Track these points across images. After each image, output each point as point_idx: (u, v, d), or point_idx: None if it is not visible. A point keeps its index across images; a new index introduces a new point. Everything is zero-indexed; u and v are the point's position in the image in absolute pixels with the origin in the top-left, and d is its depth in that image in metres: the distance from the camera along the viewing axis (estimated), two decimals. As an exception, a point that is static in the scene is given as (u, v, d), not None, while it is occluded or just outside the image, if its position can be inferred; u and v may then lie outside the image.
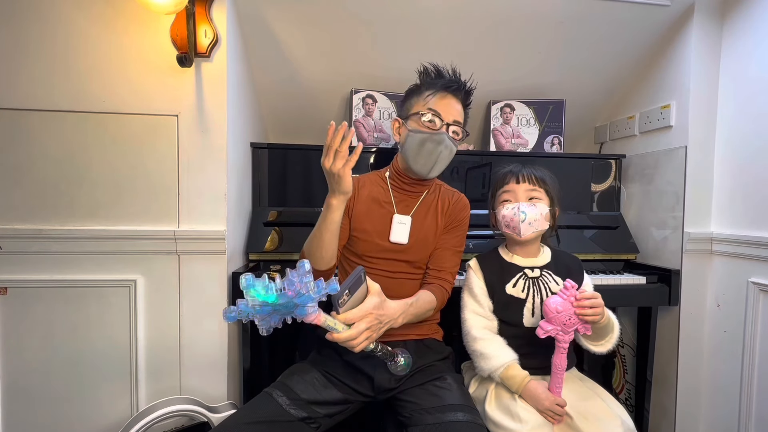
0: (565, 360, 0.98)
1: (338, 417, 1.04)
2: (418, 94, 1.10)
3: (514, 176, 1.13)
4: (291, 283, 0.73)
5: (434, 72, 1.12)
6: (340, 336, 0.84)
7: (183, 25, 1.21)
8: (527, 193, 1.10)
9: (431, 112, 1.06)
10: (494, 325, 1.10)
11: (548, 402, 0.98)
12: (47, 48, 1.21)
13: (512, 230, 1.10)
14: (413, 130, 1.08)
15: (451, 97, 1.09)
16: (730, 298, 1.45)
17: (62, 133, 1.23)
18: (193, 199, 1.28)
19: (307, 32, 1.50)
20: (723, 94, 1.48)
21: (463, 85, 1.12)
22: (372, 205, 1.11)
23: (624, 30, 1.55)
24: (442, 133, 1.06)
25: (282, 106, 1.75)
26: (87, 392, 1.27)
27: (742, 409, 1.40)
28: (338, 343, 0.85)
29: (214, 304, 1.30)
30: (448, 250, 1.15)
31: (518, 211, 1.07)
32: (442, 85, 1.08)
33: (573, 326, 0.95)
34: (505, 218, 1.10)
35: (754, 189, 1.38)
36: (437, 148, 1.07)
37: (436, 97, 1.07)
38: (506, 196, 1.12)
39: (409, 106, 1.12)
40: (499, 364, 1.03)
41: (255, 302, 0.72)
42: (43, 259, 1.24)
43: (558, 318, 0.94)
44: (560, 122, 1.78)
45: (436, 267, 1.14)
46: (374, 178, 1.17)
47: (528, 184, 1.11)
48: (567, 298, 0.95)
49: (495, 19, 1.50)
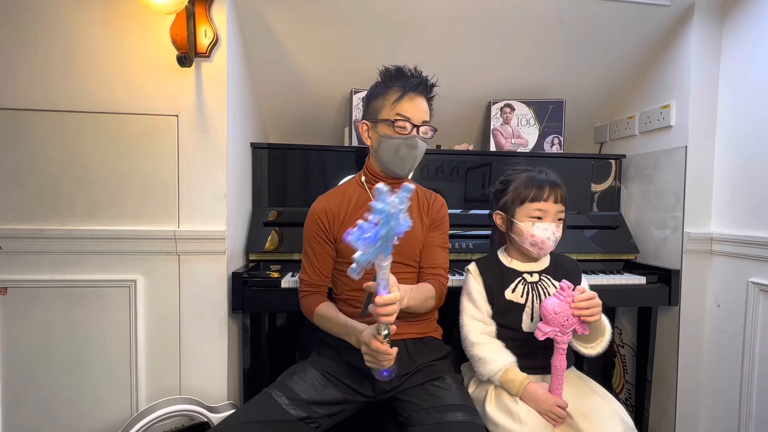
0: (565, 361, 0.98)
1: (338, 417, 1.04)
2: (384, 96, 1.08)
3: (552, 194, 1.07)
4: (381, 211, 0.75)
5: (395, 73, 1.10)
6: (387, 298, 0.82)
7: (183, 25, 1.21)
8: (558, 214, 1.09)
9: (401, 118, 1.06)
10: (492, 329, 1.10)
11: (549, 404, 0.98)
12: (47, 48, 1.21)
13: (538, 249, 1.08)
14: (386, 136, 1.07)
15: (418, 98, 1.08)
16: (730, 298, 1.45)
17: (62, 133, 1.23)
18: (193, 199, 1.28)
19: (307, 32, 1.50)
20: (723, 94, 1.48)
21: (427, 82, 1.10)
22: (356, 211, 1.11)
23: (624, 30, 1.55)
24: (414, 137, 1.07)
25: (282, 106, 1.75)
26: (87, 392, 1.28)
27: (742, 409, 1.40)
28: (377, 307, 0.83)
29: (214, 304, 1.30)
30: (437, 247, 1.16)
31: (552, 236, 1.07)
32: (409, 87, 1.07)
33: (571, 327, 0.95)
34: (533, 237, 1.07)
35: (754, 189, 1.38)
36: (412, 152, 1.08)
37: (403, 101, 1.06)
38: (538, 213, 1.08)
39: (375, 109, 1.10)
40: (497, 368, 1.03)
41: (367, 248, 0.75)
42: (43, 259, 1.24)
43: (555, 319, 0.94)
44: (560, 122, 1.78)
45: (430, 264, 1.15)
46: (353, 184, 1.17)
47: (561, 204, 1.09)
48: (564, 299, 0.95)
49: (495, 20, 1.50)
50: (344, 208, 1.12)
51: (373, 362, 0.90)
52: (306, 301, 1.13)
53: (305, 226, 1.14)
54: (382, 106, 1.08)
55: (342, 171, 1.61)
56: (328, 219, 1.11)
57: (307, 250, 1.14)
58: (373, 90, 1.12)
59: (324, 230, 1.11)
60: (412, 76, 1.09)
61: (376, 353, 0.88)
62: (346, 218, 1.11)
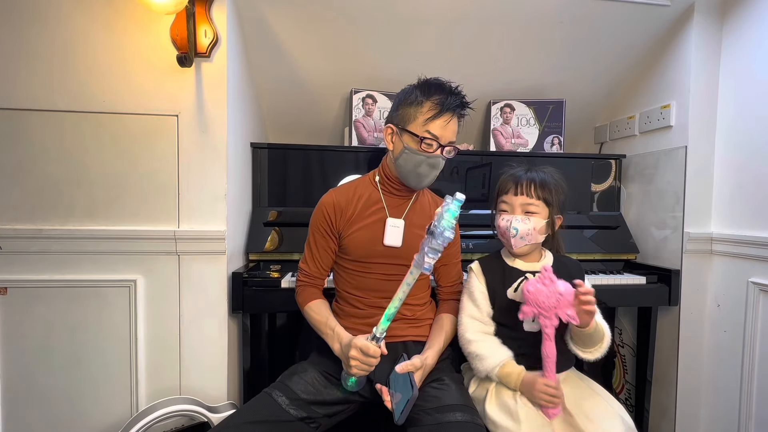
0: (554, 348, 0.97)
1: (338, 417, 1.04)
2: (418, 108, 1.04)
3: (513, 186, 1.10)
4: (440, 216, 0.89)
5: (435, 86, 1.06)
6: (370, 350, 0.93)
7: (183, 25, 1.21)
8: (523, 206, 1.08)
9: (430, 137, 1.03)
10: (490, 330, 1.10)
11: (540, 384, 0.97)
12: (47, 48, 1.21)
13: (506, 242, 1.11)
14: (410, 149, 1.05)
15: (451, 118, 1.05)
16: (730, 298, 1.45)
17: (62, 133, 1.23)
18: (193, 199, 1.28)
19: (307, 32, 1.50)
20: (723, 94, 1.48)
21: (462, 101, 1.07)
22: (365, 210, 1.11)
23: (624, 30, 1.55)
24: (437, 156, 1.05)
25: (282, 106, 1.75)
26: (87, 392, 1.28)
27: (742, 409, 1.40)
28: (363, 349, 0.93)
29: (214, 304, 1.30)
30: (454, 266, 1.20)
31: (510, 226, 1.07)
32: (447, 107, 1.03)
33: (551, 309, 0.94)
34: (500, 228, 1.11)
35: (754, 189, 1.38)
36: (432, 171, 1.08)
37: (437, 120, 1.03)
38: (503, 206, 1.11)
39: (405, 116, 1.06)
40: (494, 363, 1.03)
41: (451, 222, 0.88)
42: (43, 259, 1.24)
43: (531, 298, 0.95)
44: (560, 122, 1.78)
45: (448, 283, 1.19)
46: (366, 182, 1.16)
47: (525, 196, 1.08)
48: (541, 280, 0.95)
49: (495, 19, 1.50)
50: (353, 204, 1.11)
51: (362, 366, 0.94)
52: (301, 291, 1.14)
53: (312, 216, 1.14)
54: (413, 117, 1.05)
55: (342, 171, 1.61)
56: (336, 213, 1.11)
57: (310, 240, 1.14)
58: (407, 97, 1.07)
59: (329, 224, 1.11)
60: (452, 93, 1.05)
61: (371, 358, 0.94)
62: (354, 215, 1.10)
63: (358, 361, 0.93)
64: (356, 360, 0.93)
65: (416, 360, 1.00)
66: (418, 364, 0.99)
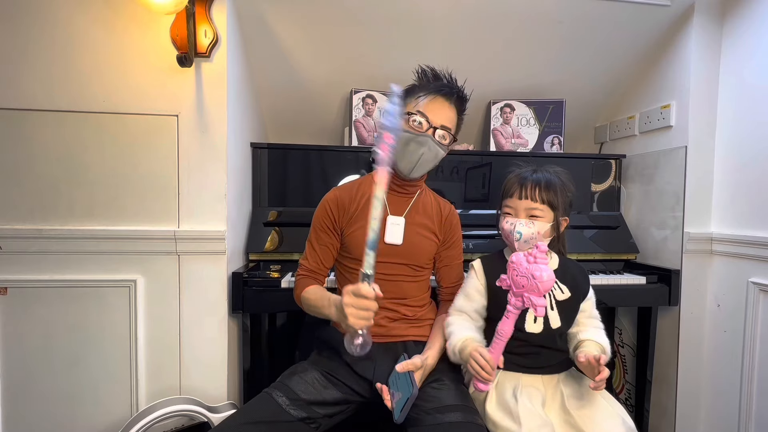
0: (510, 327, 0.93)
1: (338, 417, 1.04)
2: (412, 94, 1.10)
3: (518, 189, 1.09)
4: None
5: (431, 74, 1.11)
6: (362, 289, 0.86)
7: (183, 25, 1.21)
8: (527, 211, 1.07)
9: (419, 114, 1.06)
10: (477, 324, 1.09)
11: (474, 352, 0.94)
12: (47, 48, 1.21)
13: (510, 245, 1.10)
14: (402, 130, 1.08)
15: (442, 101, 1.08)
16: (730, 298, 1.45)
17: (62, 133, 1.23)
18: (193, 199, 1.28)
19: (307, 32, 1.50)
20: (723, 94, 1.48)
21: (457, 89, 1.10)
22: (367, 207, 1.11)
23: (624, 30, 1.55)
24: (426, 135, 1.06)
25: (282, 106, 1.75)
26: (87, 392, 1.28)
27: (742, 409, 1.40)
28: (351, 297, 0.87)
29: (214, 304, 1.30)
30: (455, 267, 1.20)
31: (514, 230, 1.06)
32: (435, 87, 1.08)
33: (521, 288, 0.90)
34: (503, 231, 1.09)
35: (754, 189, 1.38)
36: (419, 149, 1.06)
37: (427, 100, 1.07)
38: (507, 209, 1.10)
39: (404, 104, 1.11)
40: (456, 339, 1.03)
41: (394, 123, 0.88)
42: (43, 259, 1.24)
43: (510, 267, 0.92)
44: (560, 122, 1.78)
45: (449, 284, 1.19)
46: (369, 180, 1.16)
47: (530, 200, 1.07)
48: (528, 254, 0.91)
49: (495, 19, 1.50)
50: (356, 202, 1.12)
51: (358, 313, 0.86)
52: (298, 283, 1.13)
53: (315, 213, 1.14)
54: (407, 103, 1.09)
55: (342, 171, 1.61)
56: (338, 209, 1.11)
57: (311, 236, 1.14)
58: (408, 89, 1.12)
59: (332, 220, 1.11)
60: (445, 80, 1.10)
61: (365, 299, 0.86)
62: (356, 213, 1.11)
63: (353, 307, 0.86)
64: (350, 306, 0.86)
65: (417, 359, 1.00)
66: (418, 364, 0.99)
